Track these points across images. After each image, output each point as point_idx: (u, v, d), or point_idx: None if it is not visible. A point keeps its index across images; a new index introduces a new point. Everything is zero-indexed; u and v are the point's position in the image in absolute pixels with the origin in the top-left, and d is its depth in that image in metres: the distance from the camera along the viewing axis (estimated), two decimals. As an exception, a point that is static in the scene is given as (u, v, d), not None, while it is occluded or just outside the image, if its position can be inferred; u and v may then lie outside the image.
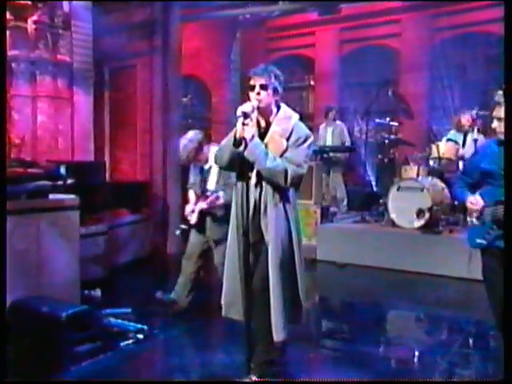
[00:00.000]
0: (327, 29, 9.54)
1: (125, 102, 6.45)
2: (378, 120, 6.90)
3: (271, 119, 2.49)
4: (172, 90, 6.34)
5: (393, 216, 5.59)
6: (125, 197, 5.81)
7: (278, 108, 2.50)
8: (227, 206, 3.09)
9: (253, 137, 2.36)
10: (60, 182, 3.87)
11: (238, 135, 2.36)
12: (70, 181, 4.00)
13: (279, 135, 2.44)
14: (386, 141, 6.66)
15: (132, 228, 5.80)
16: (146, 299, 4.04)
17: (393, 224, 5.58)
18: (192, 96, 11.69)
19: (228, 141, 2.45)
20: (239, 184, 2.49)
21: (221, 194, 3.51)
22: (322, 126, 7.28)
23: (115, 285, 4.71)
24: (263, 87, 2.43)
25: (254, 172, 2.42)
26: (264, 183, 2.44)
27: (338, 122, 7.26)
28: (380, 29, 8.90)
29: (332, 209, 6.64)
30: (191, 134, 3.63)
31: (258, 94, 2.42)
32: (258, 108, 2.41)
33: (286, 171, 2.37)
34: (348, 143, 7.16)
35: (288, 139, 2.43)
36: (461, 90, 8.26)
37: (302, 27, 9.65)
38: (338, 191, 7.03)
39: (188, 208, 3.68)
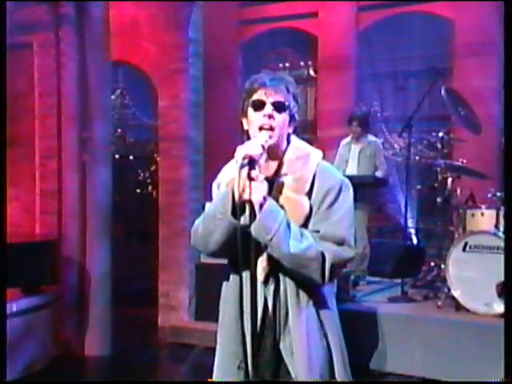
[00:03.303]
0: (337, -12, 9.76)
1: (12, 105, 6.41)
2: (422, 134, 6.77)
3: (276, 162, 2.51)
4: (94, 84, 6.48)
5: (456, 293, 5.55)
6: (13, 267, 5.72)
7: (287, 144, 2.54)
8: None
9: (265, 200, 2.33)
10: None
11: (239, 196, 2.31)
12: None
13: (293, 190, 2.45)
14: (438, 168, 6.60)
15: (25, 320, 5.84)
16: None
17: (457, 306, 5.54)
18: (124, 91, 11.49)
19: (218, 205, 2.42)
20: (234, 279, 2.51)
21: None
22: (344, 142, 7.42)
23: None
24: (279, 107, 2.45)
25: (264, 258, 2.41)
26: (281, 276, 2.43)
27: (372, 138, 7.38)
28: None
29: (354, 274, 6.64)
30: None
31: (271, 117, 2.42)
32: (268, 146, 2.41)
33: (322, 258, 2.34)
34: (383, 171, 7.18)
35: (309, 195, 2.44)
36: None
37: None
38: (361, 242, 6.90)
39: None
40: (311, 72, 10.34)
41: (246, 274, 2.38)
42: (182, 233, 7.20)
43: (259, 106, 2.43)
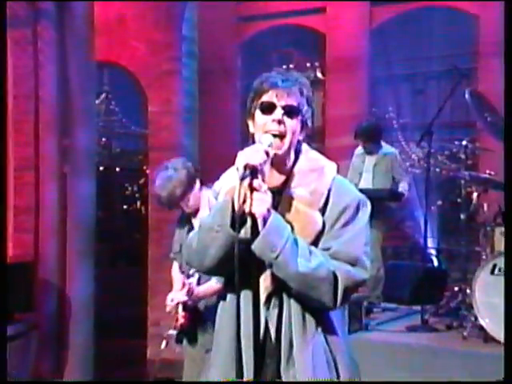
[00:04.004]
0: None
1: None
2: (444, 143, 6.77)
3: (286, 172, 2.52)
4: (76, 87, 6.59)
5: (484, 322, 5.51)
6: None
7: (298, 152, 2.56)
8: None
9: (269, 213, 2.33)
10: None
11: (239, 209, 2.31)
12: None
13: (306, 203, 2.45)
14: (461, 181, 6.62)
15: None
16: None
17: (485, 337, 5.50)
18: (110, 95, 11.56)
19: (216, 216, 2.42)
20: (231, 300, 2.49)
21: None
22: (357, 152, 7.43)
23: None
24: (291, 112, 2.45)
25: (267, 275, 2.42)
26: (286, 298, 2.43)
27: (388, 149, 7.40)
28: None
29: (367, 300, 6.69)
30: (177, 162, 4.09)
31: (280, 123, 2.43)
32: (276, 149, 2.42)
33: (334, 278, 2.35)
34: (406, 186, 7.16)
35: (323, 211, 2.45)
36: None
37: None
38: (375, 264, 6.95)
39: (168, 300, 4.00)
40: (318, 74, 10.43)
41: (244, 294, 2.41)
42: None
43: (268, 108, 2.44)
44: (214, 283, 3.81)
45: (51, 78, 6.50)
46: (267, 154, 2.35)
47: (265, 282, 2.44)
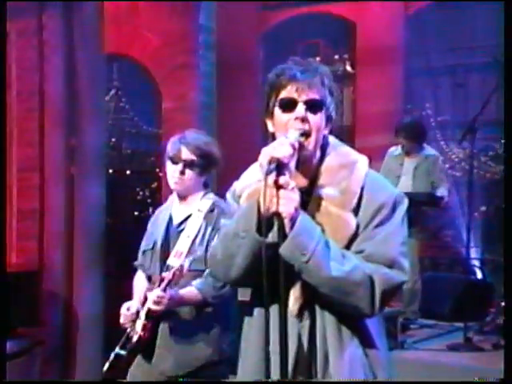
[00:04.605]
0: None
1: None
2: (488, 143, 6.74)
3: (312, 170, 2.55)
4: (84, 82, 6.58)
5: None
6: None
7: (324, 146, 2.57)
8: (205, 308, 3.51)
9: (297, 212, 2.32)
10: None
11: (265, 209, 2.31)
12: None
13: (336, 204, 2.46)
14: None
15: None
16: None
17: None
18: (120, 92, 11.60)
19: (240, 221, 2.43)
20: (258, 313, 2.54)
21: (196, 282, 3.64)
22: (394, 153, 7.43)
23: None
24: (314, 107, 2.46)
25: (297, 285, 2.44)
26: (319, 309, 2.45)
27: (430, 151, 7.39)
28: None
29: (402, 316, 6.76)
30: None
31: (304, 120, 2.43)
32: (300, 148, 2.41)
33: (371, 282, 2.37)
34: (445, 191, 7.12)
35: (356, 211, 2.46)
36: None
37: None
38: (411, 276, 6.88)
39: (124, 308, 3.80)
40: (348, 67, 10.54)
41: (273, 307, 2.38)
42: (189, 264, 7.17)
43: (289, 105, 2.44)
44: (195, 290, 3.64)
45: (57, 72, 6.52)
46: (294, 147, 2.34)
47: (295, 292, 2.44)
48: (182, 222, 3.85)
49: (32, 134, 6.55)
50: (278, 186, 2.29)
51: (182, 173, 3.75)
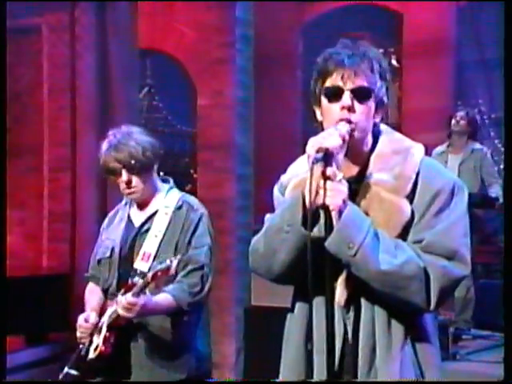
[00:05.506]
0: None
1: (15, 104, 6.60)
2: None
3: (363, 159, 2.54)
4: (117, 79, 6.67)
5: None
6: (13, 309, 5.84)
7: (376, 134, 2.57)
8: (179, 317, 3.47)
9: (345, 204, 2.34)
10: None
11: (310, 202, 2.31)
12: None
13: (390, 190, 2.45)
14: None
15: (28, 376, 6.03)
16: None
17: None
18: (153, 89, 11.71)
19: (285, 215, 2.45)
20: (301, 309, 2.57)
21: (169, 288, 3.55)
22: (438, 151, 7.41)
23: None
24: (361, 95, 2.44)
25: (344, 277, 2.45)
26: (366, 302, 2.46)
27: (476, 145, 7.37)
28: None
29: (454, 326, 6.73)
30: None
31: (350, 110, 2.42)
32: (350, 138, 2.40)
33: (426, 276, 2.36)
34: (499, 191, 7.02)
35: (411, 198, 2.45)
36: None
37: None
38: (463, 283, 6.78)
39: (81, 320, 3.70)
40: (393, 61, 10.43)
41: (317, 301, 2.43)
42: (226, 268, 7.17)
43: (335, 94, 2.43)
44: (169, 296, 3.50)
45: (89, 69, 6.63)
46: (343, 139, 2.33)
47: (341, 287, 2.45)
48: (145, 222, 3.74)
49: (63, 133, 6.68)
50: (326, 178, 2.30)
51: (129, 182, 3.63)
